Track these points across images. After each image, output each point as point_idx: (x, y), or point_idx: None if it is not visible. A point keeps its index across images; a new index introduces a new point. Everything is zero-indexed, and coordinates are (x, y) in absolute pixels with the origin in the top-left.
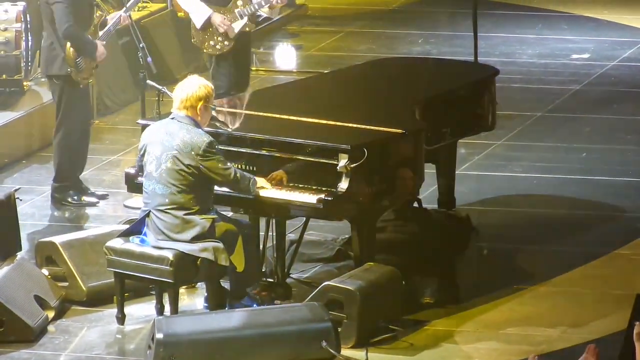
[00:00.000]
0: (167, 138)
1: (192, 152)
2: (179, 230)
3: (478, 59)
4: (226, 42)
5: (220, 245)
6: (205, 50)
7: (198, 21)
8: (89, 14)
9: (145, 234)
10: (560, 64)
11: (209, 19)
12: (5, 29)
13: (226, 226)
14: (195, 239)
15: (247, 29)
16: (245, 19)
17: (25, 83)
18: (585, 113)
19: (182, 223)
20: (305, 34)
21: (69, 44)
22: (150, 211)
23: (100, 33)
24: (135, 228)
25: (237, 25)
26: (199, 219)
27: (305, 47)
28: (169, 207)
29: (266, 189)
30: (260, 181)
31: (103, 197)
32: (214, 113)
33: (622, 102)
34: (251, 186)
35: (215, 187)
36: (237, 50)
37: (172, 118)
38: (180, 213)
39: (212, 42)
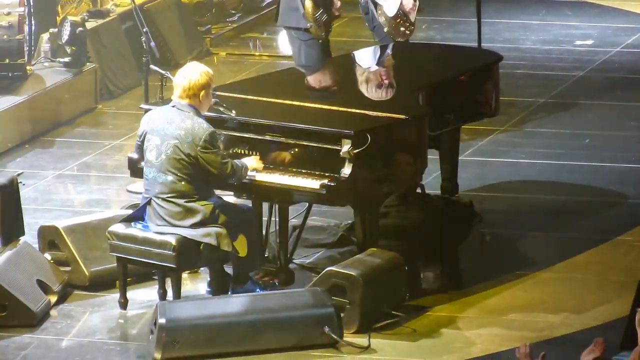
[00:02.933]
0: (168, 127)
1: (193, 142)
2: (181, 218)
3: (482, 44)
4: (412, 27)
5: (223, 230)
6: (398, 38)
7: (391, 9)
8: None
9: (146, 221)
10: (563, 51)
11: (401, 4)
12: (9, 13)
13: (228, 212)
14: (196, 225)
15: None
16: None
17: (28, 67)
18: (589, 99)
19: (184, 211)
20: None
21: (307, 1)
22: (151, 199)
23: None
24: (138, 214)
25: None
26: (200, 206)
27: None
28: (169, 195)
29: (259, 169)
30: (250, 162)
31: None
32: (215, 99)
33: (625, 89)
34: (243, 174)
35: None
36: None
37: (173, 106)
38: (182, 201)
39: (402, 28)
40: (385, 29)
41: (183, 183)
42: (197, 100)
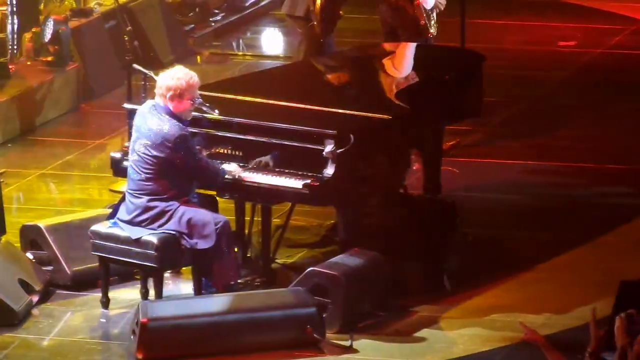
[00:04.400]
0: (144, 125)
1: (162, 144)
2: (140, 213)
3: (465, 45)
4: (436, 25)
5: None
6: (430, 35)
7: (430, 2)
8: None
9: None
10: (547, 51)
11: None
12: None
13: (189, 219)
14: (152, 221)
15: None
16: None
17: (11, 66)
18: (572, 100)
19: (144, 207)
20: None
21: None
22: (125, 194)
23: None
24: (116, 210)
25: None
26: (160, 203)
27: (292, 32)
28: (138, 192)
29: (242, 174)
30: (232, 168)
31: None
32: (199, 98)
33: (609, 90)
34: (219, 177)
35: None
36: None
37: (153, 104)
38: (145, 198)
39: (430, 24)
40: (422, 22)
41: (150, 182)
42: (167, 101)
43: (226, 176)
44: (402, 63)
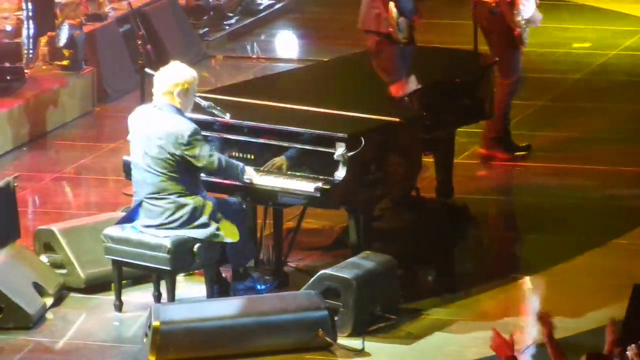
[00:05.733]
0: (150, 127)
1: (176, 141)
2: (172, 213)
3: (478, 47)
4: (527, 39)
5: (219, 225)
6: (522, 47)
7: (528, 12)
8: None
9: (137, 223)
10: (561, 53)
11: (535, 12)
12: (7, 17)
13: (217, 204)
14: (188, 220)
15: None
16: None
17: (26, 70)
18: (586, 102)
19: (175, 205)
20: (306, 21)
21: (391, 4)
22: (142, 201)
23: None
24: (129, 216)
25: None
26: (190, 200)
27: (306, 35)
28: (160, 193)
29: (256, 178)
30: (250, 170)
31: None
32: (201, 102)
33: (623, 92)
34: (240, 174)
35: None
36: None
37: (155, 106)
38: (172, 197)
39: (523, 36)
40: (517, 31)
41: (171, 181)
42: (172, 98)
43: (245, 177)
44: None
